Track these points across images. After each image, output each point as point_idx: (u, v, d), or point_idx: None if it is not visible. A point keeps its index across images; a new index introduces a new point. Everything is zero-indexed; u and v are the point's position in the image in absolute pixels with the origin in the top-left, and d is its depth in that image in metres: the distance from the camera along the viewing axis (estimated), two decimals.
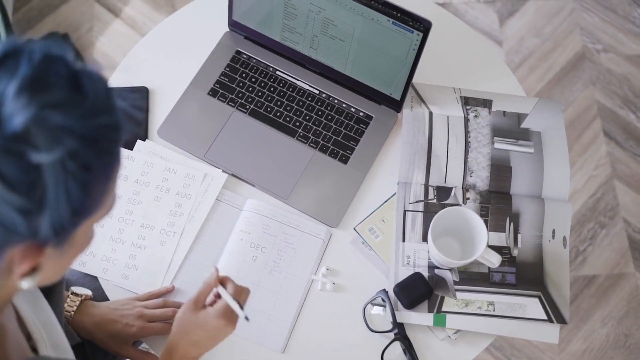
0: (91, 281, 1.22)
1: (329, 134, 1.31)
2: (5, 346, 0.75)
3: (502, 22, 2.29)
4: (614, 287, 2.00)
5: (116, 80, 1.35)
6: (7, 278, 0.65)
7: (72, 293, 1.12)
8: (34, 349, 0.83)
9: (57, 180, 0.58)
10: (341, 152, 1.29)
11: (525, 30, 2.28)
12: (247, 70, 1.35)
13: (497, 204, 1.24)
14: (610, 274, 2.01)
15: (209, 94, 1.33)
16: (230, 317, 0.99)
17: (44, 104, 0.57)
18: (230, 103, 1.33)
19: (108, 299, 1.19)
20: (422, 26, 1.16)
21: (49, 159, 0.57)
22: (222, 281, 1.01)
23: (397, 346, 1.17)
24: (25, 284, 0.65)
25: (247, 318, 0.97)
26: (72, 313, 1.11)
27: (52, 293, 0.96)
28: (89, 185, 0.61)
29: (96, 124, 0.60)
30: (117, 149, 0.64)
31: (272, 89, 1.34)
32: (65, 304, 1.10)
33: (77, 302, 1.11)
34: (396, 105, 1.31)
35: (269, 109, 1.32)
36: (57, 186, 0.58)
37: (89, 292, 1.14)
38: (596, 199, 2.09)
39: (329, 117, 1.32)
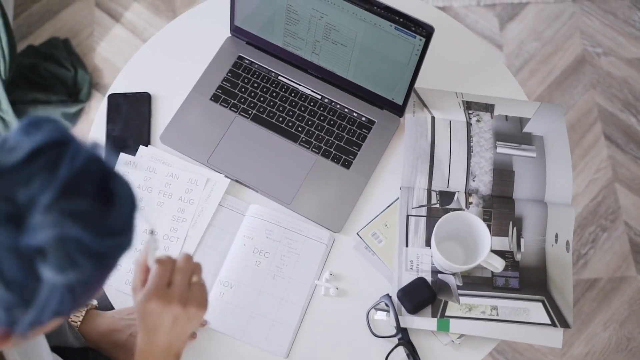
0: None
1: (332, 139, 1.31)
2: None
3: (503, 26, 2.30)
4: (616, 291, 2.00)
5: (118, 85, 1.35)
6: None
7: None
8: None
9: (52, 290, 0.57)
10: (344, 157, 1.29)
11: (526, 34, 2.29)
12: (249, 76, 1.35)
13: (500, 208, 1.24)
14: (612, 277, 2.01)
15: (211, 99, 1.34)
16: (184, 297, 0.88)
17: (69, 217, 0.55)
18: (232, 108, 1.33)
19: (111, 305, 1.19)
20: (425, 31, 1.16)
21: (52, 270, 0.55)
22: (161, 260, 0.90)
23: (401, 351, 1.17)
24: None
25: (152, 232, 0.86)
26: (78, 323, 1.11)
27: None
28: (79, 295, 0.60)
29: (110, 244, 0.59)
30: (118, 262, 0.62)
31: (274, 94, 1.34)
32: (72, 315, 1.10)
33: (83, 313, 1.11)
34: (398, 110, 1.31)
35: (271, 114, 1.32)
36: (50, 295, 0.57)
37: (94, 302, 1.14)
38: (597, 202, 2.09)
39: (332, 122, 1.32)
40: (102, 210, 0.58)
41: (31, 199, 0.54)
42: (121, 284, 1.19)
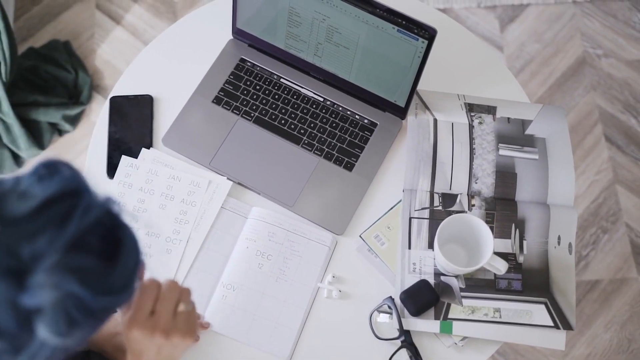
0: None
1: (334, 141, 1.31)
2: None
3: (503, 27, 2.30)
4: (617, 292, 2.00)
5: (120, 88, 1.35)
6: None
7: None
8: None
9: (45, 344, 0.55)
10: (346, 159, 1.29)
11: (526, 35, 2.29)
12: (251, 78, 1.35)
13: (502, 210, 1.24)
14: (613, 278, 2.01)
15: (213, 101, 1.34)
16: (145, 325, 0.88)
17: (72, 274, 0.53)
18: (234, 111, 1.33)
19: None
20: (427, 33, 1.16)
21: (50, 335, 0.54)
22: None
23: (404, 353, 1.17)
24: None
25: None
26: None
27: None
28: (72, 347, 0.59)
29: (108, 302, 0.58)
30: (112, 314, 0.61)
31: (276, 96, 1.34)
32: None
33: None
34: (401, 112, 1.31)
35: (273, 117, 1.32)
36: (42, 347, 0.56)
37: None
38: (598, 204, 2.09)
39: (334, 125, 1.32)
40: (106, 267, 0.57)
41: (36, 256, 0.53)
42: None
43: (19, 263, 0.52)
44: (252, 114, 1.33)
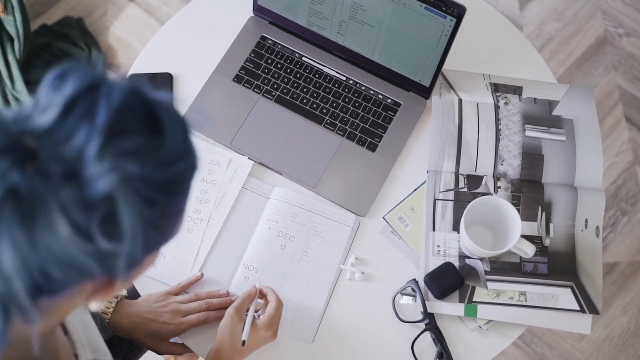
0: None
1: (357, 121, 1.29)
2: (58, 353, 0.75)
3: (523, 5, 2.26)
4: (636, 275, 1.98)
5: (139, 65, 1.33)
6: (75, 300, 0.63)
7: None
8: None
9: (133, 229, 0.56)
10: (369, 139, 1.27)
11: (546, 14, 2.25)
12: (272, 56, 1.33)
13: (528, 192, 1.22)
14: (632, 261, 1.99)
15: (234, 80, 1.31)
16: (275, 328, 1.08)
17: (123, 158, 0.54)
18: (255, 90, 1.31)
19: (135, 289, 1.18)
20: (456, 12, 1.13)
21: (127, 212, 0.55)
22: (262, 291, 1.11)
23: (428, 336, 1.15)
24: (95, 306, 0.65)
25: (243, 342, 1.05)
26: (109, 314, 1.10)
27: None
28: (163, 227, 0.60)
29: (173, 171, 0.58)
30: (191, 184, 0.61)
31: (298, 75, 1.32)
32: (103, 305, 1.09)
33: (114, 304, 1.10)
34: (425, 92, 1.29)
35: (295, 96, 1.30)
36: (133, 234, 0.56)
37: (123, 292, 1.13)
38: (618, 185, 2.07)
39: (357, 104, 1.30)
40: (154, 142, 0.56)
41: (79, 152, 0.53)
42: None
43: (69, 165, 0.53)
44: (274, 93, 1.30)
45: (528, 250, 1.12)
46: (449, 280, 1.16)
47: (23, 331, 0.63)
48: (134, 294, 1.18)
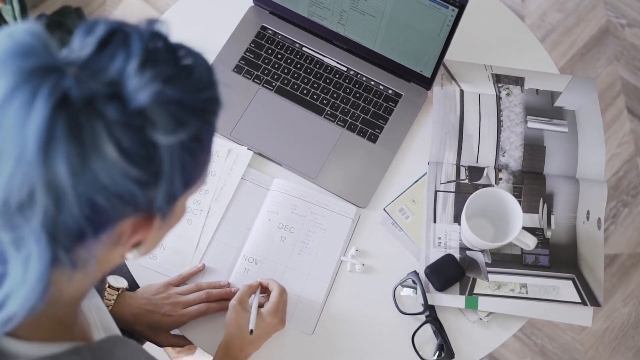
0: None
1: (357, 112, 1.28)
2: (75, 328, 0.76)
3: None
4: (637, 266, 1.98)
5: None
6: (113, 250, 0.65)
7: (109, 286, 1.10)
8: None
9: (172, 152, 0.59)
10: (370, 130, 1.27)
11: (548, 4, 2.24)
12: (272, 47, 1.32)
13: (530, 184, 1.21)
14: (633, 252, 1.99)
15: (234, 70, 1.30)
16: (282, 316, 1.09)
17: (163, 79, 0.58)
18: (255, 80, 1.30)
19: (134, 280, 1.18)
20: (458, 1, 1.12)
21: (165, 131, 0.58)
22: (263, 285, 1.12)
23: (428, 328, 1.15)
24: (131, 255, 0.67)
25: (251, 331, 1.05)
26: (110, 306, 1.09)
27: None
28: (198, 156, 0.63)
29: (204, 97, 0.62)
30: (216, 122, 0.66)
31: (298, 65, 1.31)
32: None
33: (115, 296, 1.10)
34: (426, 83, 1.28)
35: (295, 87, 1.29)
36: (172, 158, 0.59)
37: (124, 284, 1.13)
38: (619, 177, 2.06)
39: (357, 95, 1.29)
40: (185, 70, 0.61)
41: (121, 71, 0.57)
42: (145, 259, 1.18)
43: (111, 86, 0.56)
44: (274, 84, 1.30)
45: (529, 242, 1.12)
46: (450, 272, 1.15)
47: (64, 289, 0.67)
48: (134, 287, 1.17)
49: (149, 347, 1.26)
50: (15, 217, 0.56)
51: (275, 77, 1.30)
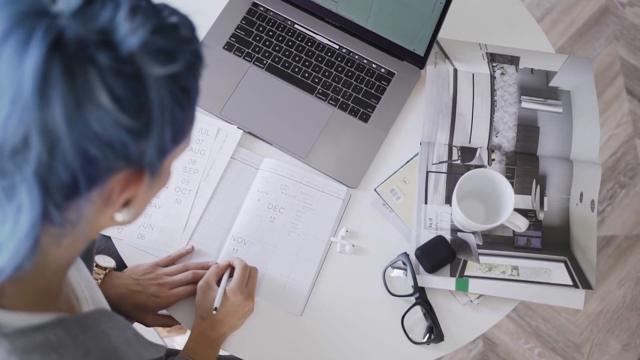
0: (102, 240, 1.19)
1: (349, 91, 1.26)
2: (60, 298, 0.76)
3: None
4: (633, 248, 1.97)
5: None
6: (103, 211, 0.65)
7: (97, 265, 1.10)
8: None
9: (162, 101, 0.59)
10: (362, 110, 1.25)
11: None
12: (264, 24, 1.30)
13: (523, 165, 1.20)
14: (629, 234, 1.98)
15: (224, 48, 1.28)
16: (248, 292, 1.09)
17: (151, 29, 0.58)
18: (246, 58, 1.28)
19: (122, 260, 1.17)
20: None
21: (158, 75, 0.58)
22: (232, 263, 1.12)
23: (418, 310, 1.14)
24: (120, 216, 0.66)
25: (215, 309, 1.06)
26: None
27: (86, 254, 0.95)
28: (186, 108, 0.63)
29: (191, 49, 0.62)
30: (200, 80, 0.65)
31: (290, 43, 1.29)
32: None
33: (102, 275, 1.09)
34: (419, 62, 1.26)
35: (286, 65, 1.27)
36: (162, 107, 0.59)
37: (112, 264, 1.12)
38: (616, 158, 2.04)
39: (349, 74, 1.27)
40: (170, 24, 0.61)
41: (111, 18, 0.57)
42: (133, 238, 1.16)
43: (102, 34, 0.57)
44: (265, 62, 1.27)
45: (521, 224, 1.10)
46: (441, 254, 1.14)
47: (52, 254, 0.66)
48: (122, 267, 1.16)
49: (137, 327, 1.25)
50: (8, 164, 0.56)
51: (267, 54, 1.28)
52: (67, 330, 0.67)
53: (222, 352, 1.13)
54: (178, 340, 1.69)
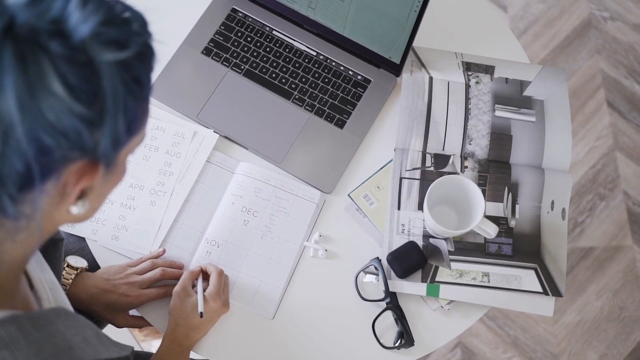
0: (76, 242, 1.20)
1: (326, 97, 1.27)
2: (16, 297, 0.75)
3: None
4: (611, 260, 1.98)
5: None
6: (58, 205, 0.65)
7: (68, 265, 1.10)
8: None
9: (115, 90, 0.60)
10: (337, 116, 1.26)
11: None
12: (242, 29, 1.31)
13: (495, 173, 1.21)
14: (608, 246, 1.99)
15: (202, 52, 1.29)
16: (224, 298, 1.10)
17: (102, 19, 0.59)
18: (224, 63, 1.29)
19: (96, 261, 1.17)
20: None
21: (109, 61, 0.59)
22: (204, 268, 1.13)
23: (389, 315, 1.15)
24: (76, 209, 0.66)
25: (201, 314, 1.06)
26: (68, 286, 1.09)
27: (51, 255, 0.95)
28: (139, 99, 0.63)
29: (142, 41, 0.63)
30: (152, 72, 0.66)
31: (268, 49, 1.30)
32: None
33: (73, 275, 1.09)
34: (395, 69, 1.27)
35: (264, 70, 1.28)
36: (115, 96, 0.60)
37: (84, 264, 1.12)
38: (597, 170, 2.06)
39: (326, 80, 1.28)
40: (121, 17, 0.62)
41: (62, 8, 0.58)
42: (107, 239, 1.17)
43: (54, 24, 0.57)
44: (242, 67, 1.29)
45: (491, 230, 1.11)
46: (412, 260, 1.15)
47: (7, 250, 0.67)
48: (95, 268, 1.16)
49: (109, 329, 1.25)
50: None
51: (244, 60, 1.29)
52: (19, 327, 0.67)
53: (194, 356, 1.13)
54: (155, 345, 1.69)
